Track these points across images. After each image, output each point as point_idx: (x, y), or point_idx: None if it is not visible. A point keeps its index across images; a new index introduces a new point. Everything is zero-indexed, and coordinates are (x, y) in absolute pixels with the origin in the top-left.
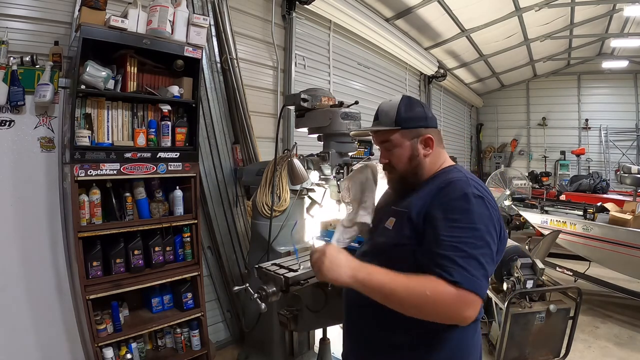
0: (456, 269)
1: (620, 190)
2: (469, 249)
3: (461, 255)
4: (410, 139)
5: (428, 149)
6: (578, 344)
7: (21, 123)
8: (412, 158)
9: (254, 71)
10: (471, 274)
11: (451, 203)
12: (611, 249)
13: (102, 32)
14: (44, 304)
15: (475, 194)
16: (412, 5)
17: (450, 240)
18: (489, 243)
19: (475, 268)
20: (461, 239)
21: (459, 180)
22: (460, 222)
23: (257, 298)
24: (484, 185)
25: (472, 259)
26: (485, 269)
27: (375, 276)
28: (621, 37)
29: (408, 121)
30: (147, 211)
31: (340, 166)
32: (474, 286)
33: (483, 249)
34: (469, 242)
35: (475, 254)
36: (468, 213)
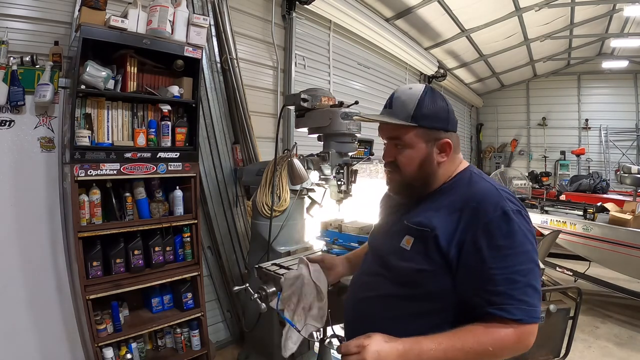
0: (515, 304)
1: (620, 190)
2: (523, 278)
3: (517, 287)
4: (426, 141)
5: (443, 155)
6: (578, 344)
7: (21, 123)
8: (423, 163)
9: (254, 71)
10: (530, 305)
11: (492, 227)
12: (611, 249)
13: (102, 32)
14: (44, 304)
15: (514, 210)
16: (412, 5)
17: (502, 273)
18: (536, 260)
19: (532, 296)
20: (514, 268)
21: (490, 193)
22: (508, 248)
23: (257, 298)
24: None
25: (529, 288)
26: (539, 291)
27: (427, 354)
28: (621, 37)
29: (428, 119)
30: (147, 211)
31: (340, 166)
32: (535, 317)
33: (534, 271)
34: (522, 270)
35: (530, 280)
36: (514, 236)
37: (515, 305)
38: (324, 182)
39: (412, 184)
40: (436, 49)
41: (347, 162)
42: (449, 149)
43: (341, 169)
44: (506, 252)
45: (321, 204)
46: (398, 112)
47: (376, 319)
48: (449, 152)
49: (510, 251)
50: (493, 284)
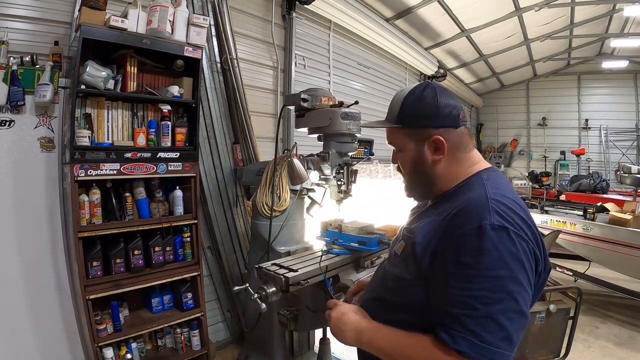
0: (463, 333)
1: (620, 190)
2: (482, 307)
3: (472, 315)
4: (415, 141)
5: (439, 153)
6: (578, 344)
7: (21, 123)
8: (417, 164)
9: (254, 71)
10: (483, 341)
11: (462, 240)
12: (611, 249)
13: (102, 32)
14: (44, 304)
15: (495, 225)
16: (412, 5)
17: (459, 294)
18: (513, 292)
19: (490, 332)
20: (473, 292)
21: (475, 203)
22: (472, 268)
23: (257, 298)
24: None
25: (488, 320)
26: (506, 329)
27: (377, 342)
28: (621, 37)
29: (411, 118)
30: (147, 211)
31: (340, 166)
32: (486, 356)
33: (502, 303)
34: (483, 297)
35: (492, 312)
36: (482, 255)
37: (463, 334)
38: (324, 182)
39: (414, 184)
40: (436, 49)
41: (347, 162)
42: (442, 146)
43: (341, 169)
44: (469, 272)
45: (321, 204)
46: (389, 116)
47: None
48: (444, 150)
49: (473, 272)
50: (448, 304)
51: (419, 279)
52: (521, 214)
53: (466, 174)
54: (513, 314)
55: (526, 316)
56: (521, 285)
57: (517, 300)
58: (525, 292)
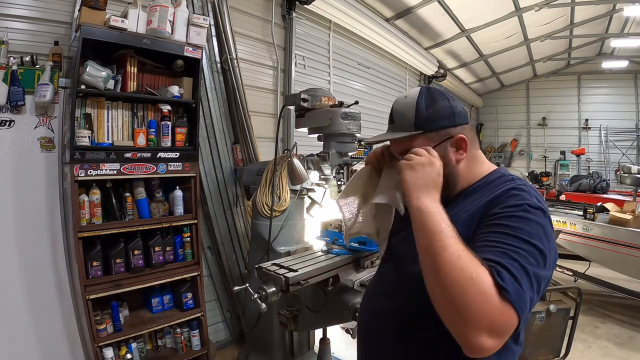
0: (507, 275)
1: (620, 190)
2: (522, 260)
3: (513, 265)
4: (438, 142)
5: (461, 152)
6: (578, 344)
7: (21, 123)
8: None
9: (254, 71)
10: (523, 288)
11: (508, 210)
12: (611, 249)
13: (102, 32)
14: (44, 304)
15: (536, 205)
16: (412, 5)
17: (502, 246)
18: (545, 265)
19: (526, 285)
20: (515, 248)
21: (517, 188)
22: (516, 231)
23: (257, 298)
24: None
25: (525, 273)
26: (534, 292)
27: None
28: (621, 37)
29: (432, 121)
30: (147, 211)
31: (340, 166)
32: (521, 303)
33: (538, 268)
34: (524, 255)
35: (530, 269)
36: (527, 223)
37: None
38: (324, 182)
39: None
40: (436, 49)
41: (347, 162)
42: (465, 144)
43: (341, 169)
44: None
45: (321, 204)
46: (401, 125)
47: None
48: (467, 147)
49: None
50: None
51: None
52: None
53: (483, 172)
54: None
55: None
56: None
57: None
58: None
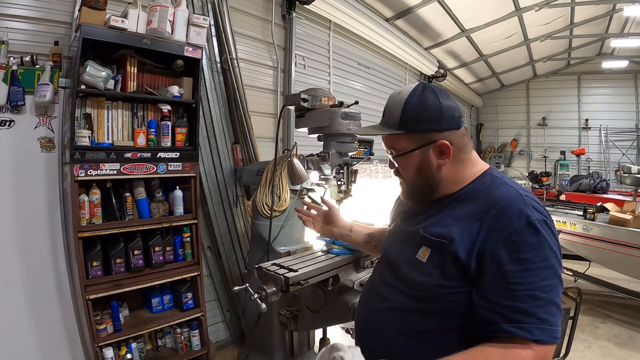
0: (537, 324)
1: (620, 190)
2: (545, 295)
3: (540, 305)
4: (419, 145)
5: (444, 157)
6: (578, 344)
7: (21, 123)
8: (422, 169)
9: (254, 71)
10: (552, 325)
11: (516, 238)
12: (611, 249)
13: (102, 32)
14: (44, 304)
15: (540, 220)
16: (412, 5)
17: (524, 289)
18: (560, 275)
19: (554, 315)
20: (537, 284)
21: (513, 201)
22: (532, 262)
23: (257, 298)
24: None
25: (552, 305)
26: (560, 308)
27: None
28: (621, 37)
29: (416, 123)
30: (147, 211)
31: (340, 166)
32: (556, 337)
33: (557, 287)
34: (545, 286)
35: (552, 297)
36: (540, 249)
37: (537, 325)
38: (324, 182)
39: (415, 188)
40: (436, 49)
41: (347, 162)
42: (448, 150)
43: (341, 169)
44: (530, 266)
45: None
46: (388, 121)
47: (390, 332)
48: (450, 154)
49: (534, 265)
50: (513, 300)
51: (463, 283)
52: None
53: (473, 175)
54: (560, 293)
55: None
56: (561, 268)
57: (561, 280)
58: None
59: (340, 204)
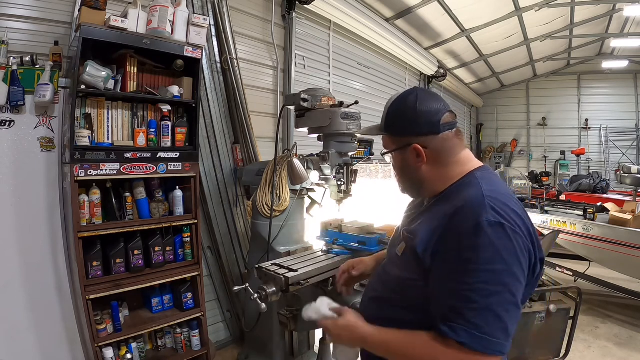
0: (463, 325)
1: (620, 190)
2: (482, 299)
3: (473, 308)
4: (398, 147)
5: (419, 160)
6: (578, 344)
7: (21, 123)
8: (403, 170)
9: (254, 71)
10: (482, 332)
11: (462, 238)
12: (611, 249)
13: (102, 32)
14: (44, 304)
15: (491, 222)
16: (412, 5)
17: (459, 288)
18: (509, 284)
19: (489, 324)
20: (473, 286)
21: (472, 201)
22: (471, 262)
23: (257, 298)
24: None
25: (486, 311)
26: (503, 321)
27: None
28: (621, 37)
29: (394, 127)
30: (147, 211)
31: (340, 166)
32: (485, 346)
33: (501, 295)
34: (481, 290)
35: (490, 303)
36: (480, 250)
37: (464, 327)
38: (324, 182)
39: (406, 188)
40: (436, 49)
41: (347, 162)
42: (421, 153)
43: (341, 169)
44: (470, 267)
45: (321, 204)
46: (381, 122)
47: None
48: (423, 157)
49: (472, 266)
50: (450, 298)
51: (422, 279)
52: (516, 209)
53: (459, 175)
54: (509, 305)
55: (520, 308)
56: (516, 279)
57: (513, 293)
58: (520, 285)
59: (340, 204)
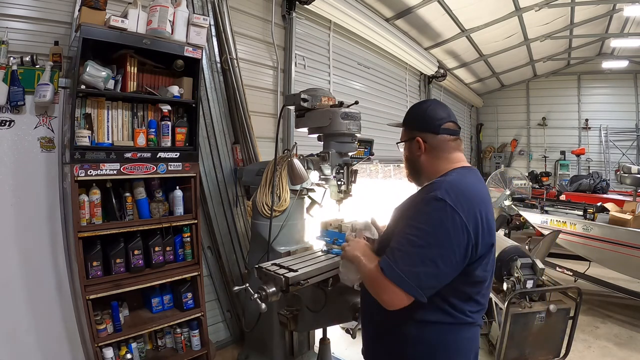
0: (390, 260)
1: (620, 190)
2: (407, 246)
3: (399, 248)
4: (408, 138)
5: (419, 151)
6: (578, 344)
7: (21, 123)
8: (409, 157)
9: (254, 71)
10: (396, 266)
11: (417, 203)
12: (611, 249)
13: (102, 32)
14: (44, 304)
15: (437, 197)
16: (412, 5)
17: (399, 236)
18: (431, 245)
19: (405, 264)
20: (406, 235)
21: (436, 183)
22: (412, 219)
23: (257, 298)
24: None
25: (407, 255)
26: (417, 267)
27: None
28: (621, 37)
29: (407, 121)
30: (147, 211)
31: (340, 166)
32: (396, 279)
33: (422, 248)
34: (413, 240)
35: (412, 252)
36: (421, 214)
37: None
38: (324, 182)
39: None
40: (436, 49)
41: (347, 162)
42: (421, 145)
43: (341, 169)
44: (409, 223)
45: (321, 204)
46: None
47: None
48: (422, 148)
49: (411, 222)
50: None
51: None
52: (470, 197)
53: (444, 170)
54: (425, 259)
55: (438, 267)
56: (440, 244)
57: (433, 252)
58: (443, 250)
59: (340, 204)
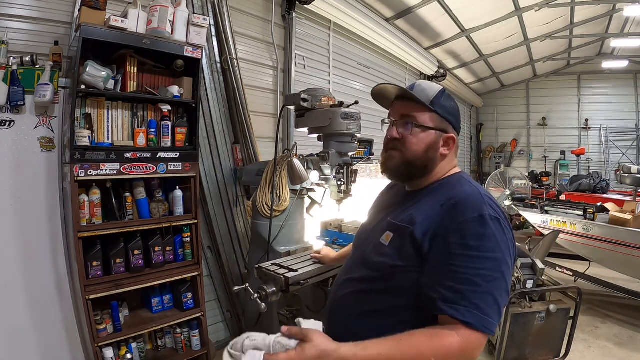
0: (469, 307)
1: (620, 190)
2: (485, 283)
3: (477, 291)
4: (437, 128)
5: (446, 149)
6: (578, 344)
7: (21, 123)
8: (430, 148)
9: (254, 71)
10: (484, 313)
11: (465, 226)
12: (611, 249)
13: (102, 32)
14: (44, 304)
15: (492, 216)
16: (412, 5)
17: (464, 272)
18: (505, 273)
19: (489, 305)
20: (477, 271)
21: (471, 196)
22: (476, 249)
23: (257, 298)
24: (496, 200)
25: (488, 295)
26: (499, 305)
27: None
28: (621, 37)
29: (444, 109)
30: (147, 211)
31: (340, 166)
32: (487, 327)
33: (499, 281)
34: (486, 275)
35: (491, 288)
36: (484, 240)
37: (469, 309)
38: (324, 182)
39: (413, 163)
40: (436, 49)
41: (347, 162)
42: (453, 144)
43: (341, 169)
44: (474, 254)
45: (321, 204)
46: (420, 94)
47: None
48: (452, 148)
49: (478, 253)
50: (453, 281)
51: (416, 264)
52: (502, 211)
53: (447, 172)
54: (503, 291)
55: (509, 294)
56: (509, 268)
57: (507, 280)
58: (510, 274)
59: (340, 204)
